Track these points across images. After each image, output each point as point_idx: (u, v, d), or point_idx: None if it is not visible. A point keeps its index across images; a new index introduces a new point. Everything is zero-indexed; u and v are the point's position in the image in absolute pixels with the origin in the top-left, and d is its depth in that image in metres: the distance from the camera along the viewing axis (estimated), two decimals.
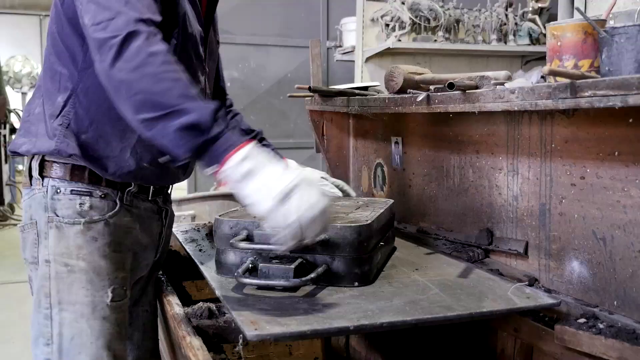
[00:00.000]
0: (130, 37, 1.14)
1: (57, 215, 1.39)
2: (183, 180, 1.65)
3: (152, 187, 1.52)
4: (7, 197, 7.28)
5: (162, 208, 1.58)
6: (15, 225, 6.65)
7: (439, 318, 1.18)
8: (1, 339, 3.39)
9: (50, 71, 1.41)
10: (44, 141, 1.39)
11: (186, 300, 1.66)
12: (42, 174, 1.41)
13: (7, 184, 7.25)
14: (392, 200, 1.73)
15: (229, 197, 3.55)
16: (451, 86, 1.49)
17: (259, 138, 1.77)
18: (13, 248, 5.40)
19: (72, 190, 1.40)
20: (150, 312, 1.68)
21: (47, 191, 1.40)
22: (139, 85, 1.14)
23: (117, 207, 1.43)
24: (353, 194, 1.94)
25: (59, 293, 1.38)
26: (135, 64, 1.13)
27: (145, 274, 1.61)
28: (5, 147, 7.07)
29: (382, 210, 1.53)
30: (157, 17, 1.22)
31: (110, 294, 1.40)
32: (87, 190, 1.41)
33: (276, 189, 1.10)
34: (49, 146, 1.38)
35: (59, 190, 1.40)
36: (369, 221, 1.38)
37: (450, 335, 1.76)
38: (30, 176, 1.44)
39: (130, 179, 1.44)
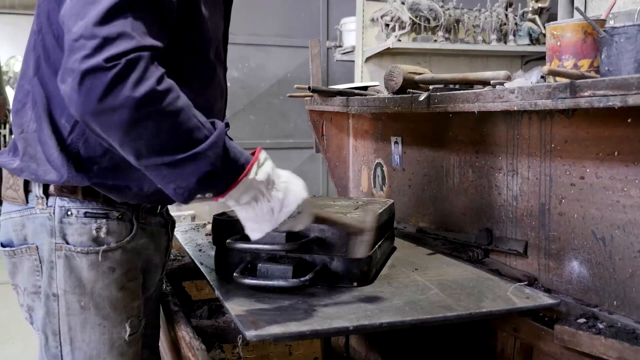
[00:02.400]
0: (130, 66, 0.96)
1: (68, 243, 1.20)
2: None
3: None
4: None
5: (168, 220, 1.43)
6: None
7: (439, 318, 1.18)
8: (1, 339, 3.39)
9: (48, 84, 1.19)
10: (49, 171, 1.19)
11: (186, 300, 1.66)
12: (46, 192, 1.22)
13: None
14: (391, 200, 1.73)
15: None
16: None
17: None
18: None
19: (85, 213, 1.21)
20: (157, 330, 1.57)
21: (53, 212, 1.21)
22: (140, 126, 0.97)
23: (134, 229, 1.27)
24: None
25: (70, 331, 1.23)
26: (133, 100, 0.95)
27: (151, 293, 1.48)
28: (5, 147, 7.06)
29: (380, 210, 1.53)
30: (161, 43, 1.05)
31: (128, 329, 1.26)
32: (104, 211, 1.22)
33: (276, 220, 1.11)
34: (56, 178, 1.18)
35: (69, 213, 1.21)
36: None
37: (450, 335, 1.76)
38: (27, 191, 1.23)
39: (148, 202, 1.29)
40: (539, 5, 4.24)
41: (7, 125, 7.25)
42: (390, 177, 2.19)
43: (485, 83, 1.60)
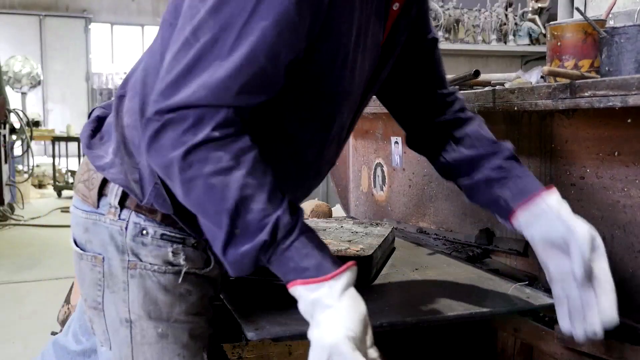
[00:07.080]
0: (169, 123, 0.89)
1: (141, 261, 1.07)
2: None
3: None
4: (7, 197, 7.27)
5: None
6: (14, 225, 6.64)
7: (439, 318, 1.18)
8: (1, 339, 3.39)
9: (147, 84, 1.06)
10: (137, 184, 1.05)
11: None
12: (122, 203, 1.07)
13: (7, 184, 7.24)
14: (390, 228, 1.69)
15: None
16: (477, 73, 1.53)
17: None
18: (13, 248, 5.39)
19: (162, 235, 1.07)
20: None
21: (125, 228, 1.07)
22: (173, 184, 0.94)
23: (212, 261, 1.12)
24: None
25: None
26: (161, 162, 0.91)
27: None
28: (5, 147, 7.04)
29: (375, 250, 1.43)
30: (252, 100, 0.93)
31: (205, 358, 1.14)
32: (181, 236, 1.08)
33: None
34: (140, 194, 1.05)
35: (145, 232, 1.07)
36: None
37: (450, 335, 1.76)
38: (100, 195, 1.09)
39: None
40: (539, 5, 4.25)
41: (7, 125, 7.25)
42: (390, 177, 2.19)
43: (486, 84, 1.61)
